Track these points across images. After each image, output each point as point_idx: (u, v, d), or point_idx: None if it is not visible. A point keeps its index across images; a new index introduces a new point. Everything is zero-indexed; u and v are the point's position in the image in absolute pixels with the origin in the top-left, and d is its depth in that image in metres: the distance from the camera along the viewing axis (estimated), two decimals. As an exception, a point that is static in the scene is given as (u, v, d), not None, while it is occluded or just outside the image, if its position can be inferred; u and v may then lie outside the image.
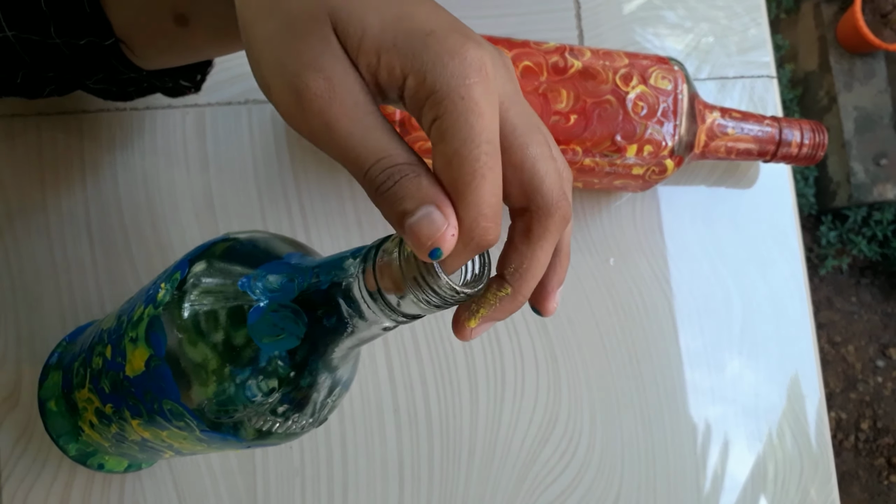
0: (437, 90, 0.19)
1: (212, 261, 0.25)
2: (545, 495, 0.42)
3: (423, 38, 0.20)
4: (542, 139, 0.21)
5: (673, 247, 0.46)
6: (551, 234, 0.21)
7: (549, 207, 0.21)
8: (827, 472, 0.45)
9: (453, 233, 0.19)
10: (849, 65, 1.42)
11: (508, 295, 0.22)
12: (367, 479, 0.40)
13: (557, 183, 0.21)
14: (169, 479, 0.38)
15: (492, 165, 0.20)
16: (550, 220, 0.21)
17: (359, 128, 0.20)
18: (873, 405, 1.41)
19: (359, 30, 0.20)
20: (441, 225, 0.19)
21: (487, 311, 0.22)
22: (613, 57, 0.40)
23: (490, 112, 0.20)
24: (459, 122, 0.19)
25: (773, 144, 0.42)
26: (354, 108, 0.20)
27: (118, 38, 0.29)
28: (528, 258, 0.22)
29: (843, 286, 1.46)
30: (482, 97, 0.19)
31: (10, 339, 0.38)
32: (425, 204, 0.20)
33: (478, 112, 0.19)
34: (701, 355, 0.45)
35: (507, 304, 0.22)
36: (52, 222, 0.39)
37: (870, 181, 1.40)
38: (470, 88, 0.19)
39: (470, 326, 0.23)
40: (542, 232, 0.21)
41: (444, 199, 0.20)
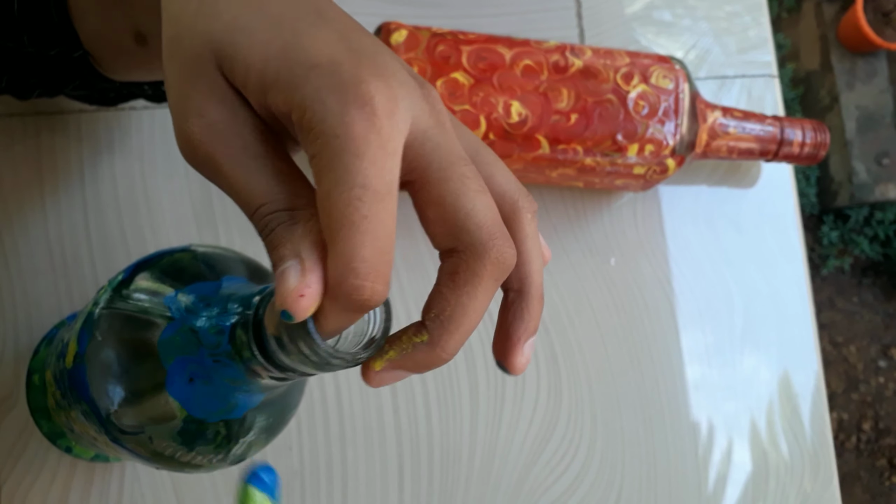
0: (313, 127, 0.18)
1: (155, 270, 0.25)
2: (546, 496, 0.41)
3: (305, 71, 0.18)
4: (467, 172, 0.19)
5: (674, 246, 0.45)
6: (482, 280, 0.19)
7: (477, 247, 0.19)
8: (828, 472, 0.45)
9: (304, 293, 0.17)
10: (850, 64, 1.42)
11: (425, 343, 0.19)
12: (366, 479, 0.40)
13: (489, 219, 0.19)
14: (168, 480, 0.38)
15: (366, 212, 0.17)
16: (479, 262, 0.19)
17: (242, 172, 0.19)
18: (875, 406, 1.40)
19: (242, 67, 0.19)
20: (291, 284, 0.18)
21: (397, 356, 0.20)
22: (614, 56, 0.40)
23: (374, 151, 0.17)
24: (332, 163, 0.17)
25: (774, 144, 0.42)
26: (240, 152, 0.19)
27: (86, 50, 0.29)
28: (450, 304, 0.19)
29: (845, 286, 1.46)
30: (364, 135, 0.17)
31: (9, 339, 0.38)
32: (289, 258, 0.18)
33: (353, 151, 0.17)
34: (702, 355, 0.45)
35: (423, 354, 0.19)
36: (51, 222, 0.39)
37: (871, 181, 1.39)
38: (348, 126, 0.17)
39: (374, 368, 0.20)
40: (470, 276, 0.19)
41: (314, 253, 0.18)
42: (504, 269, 0.19)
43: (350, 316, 0.18)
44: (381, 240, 0.18)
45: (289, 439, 0.40)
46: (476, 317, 0.19)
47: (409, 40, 0.37)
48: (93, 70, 0.30)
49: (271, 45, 0.19)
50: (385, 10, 0.44)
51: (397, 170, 0.18)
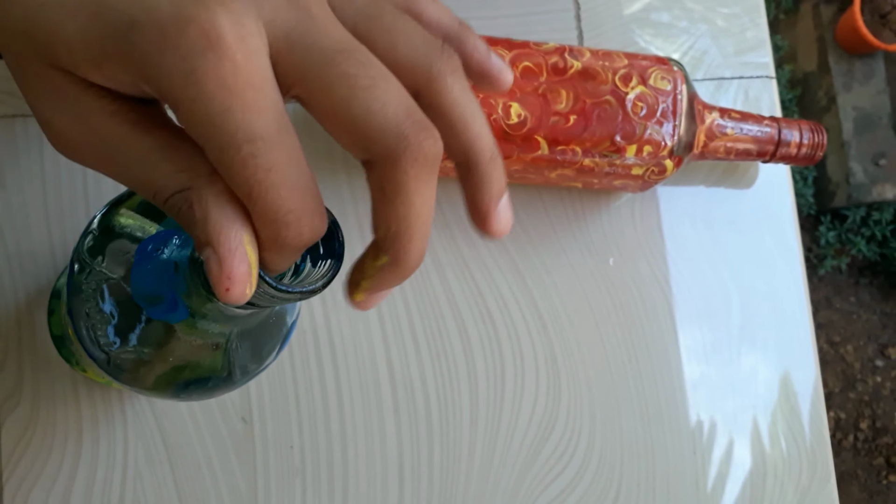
0: (165, 98, 0.15)
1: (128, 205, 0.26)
2: (545, 494, 0.42)
3: (124, 34, 0.15)
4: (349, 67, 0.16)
5: (672, 247, 0.46)
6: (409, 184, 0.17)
7: (389, 154, 0.16)
8: (826, 471, 0.45)
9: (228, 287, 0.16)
10: (848, 65, 1.43)
11: (388, 263, 0.18)
12: (367, 478, 0.40)
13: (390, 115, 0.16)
14: (170, 479, 0.38)
15: (268, 164, 0.15)
16: (398, 168, 0.16)
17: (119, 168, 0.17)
18: (872, 405, 1.41)
19: (63, 48, 0.16)
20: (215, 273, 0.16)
21: (369, 282, 0.18)
22: (613, 57, 0.40)
23: (241, 96, 0.15)
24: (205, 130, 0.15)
25: (772, 145, 0.43)
26: (103, 148, 0.17)
27: None
28: (393, 219, 0.17)
29: (842, 286, 1.46)
30: (220, 83, 0.15)
31: (12, 339, 0.38)
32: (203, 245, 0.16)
33: (218, 107, 0.15)
34: (700, 354, 0.45)
35: (391, 274, 0.18)
36: (53, 221, 0.39)
37: (869, 181, 1.40)
38: (199, 84, 0.15)
39: (357, 299, 0.19)
40: (395, 186, 0.17)
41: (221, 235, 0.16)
42: (430, 161, 0.17)
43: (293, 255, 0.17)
44: (298, 180, 0.16)
45: (289, 438, 0.40)
46: (424, 218, 0.17)
47: (410, 42, 0.37)
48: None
49: (80, 13, 0.16)
50: (385, 11, 0.44)
51: (276, 96, 0.16)
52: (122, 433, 0.38)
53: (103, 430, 0.38)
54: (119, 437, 0.38)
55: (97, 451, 0.38)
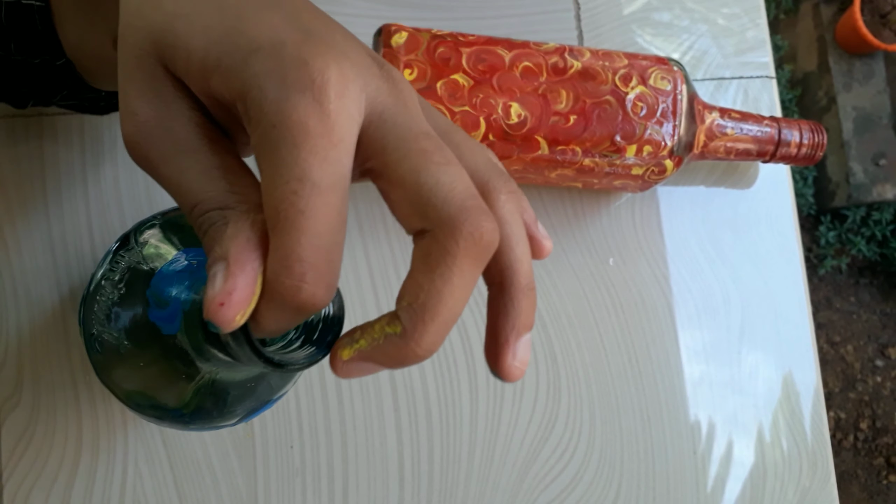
0: (251, 116, 0.16)
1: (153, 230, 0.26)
2: (545, 494, 0.42)
3: (246, 55, 0.17)
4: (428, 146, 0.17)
5: (672, 247, 0.46)
6: (456, 259, 0.16)
7: (447, 222, 0.16)
8: (826, 471, 0.45)
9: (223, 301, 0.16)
10: (848, 65, 1.43)
11: (398, 335, 0.17)
12: (367, 478, 0.40)
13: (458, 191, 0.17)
14: (170, 479, 0.38)
15: (303, 207, 0.16)
16: (450, 238, 0.16)
17: (175, 171, 0.18)
18: (872, 405, 1.41)
19: (184, 53, 0.17)
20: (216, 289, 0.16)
21: (368, 346, 0.17)
22: (613, 57, 0.40)
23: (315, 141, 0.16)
24: (270, 155, 0.16)
25: (772, 145, 0.43)
26: (172, 150, 0.18)
27: (69, 59, 0.28)
28: (423, 289, 0.17)
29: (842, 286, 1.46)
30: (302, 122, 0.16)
31: (12, 339, 0.38)
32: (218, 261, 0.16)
33: (291, 141, 0.16)
34: (700, 355, 0.45)
35: (395, 348, 0.17)
36: (53, 222, 0.39)
37: (869, 181, 1.40)
38: (285, 114, 0.16)
39: (341, 357, 0.18)
40: (442, 255, 0.16)
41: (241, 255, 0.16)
42: (482, 246, 0.17)
43: (288, 317, 0.17)
44: (322, 237, 0.16)
45: (289, 438, 0.40)
46: (454, 305, 0.17)
47: (410, 42, 0.37)
48: (77, 79, 0.30)
49: (213, 31, 0.17)
50: (386, 12, 0.44)
51: (347, 160, 0.16)
52: (122, 433, 0.38)
53: (103, 429, 0.38)
54: (119, 437, 0.38)
55: (97, 451, 0.38)
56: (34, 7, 0.27)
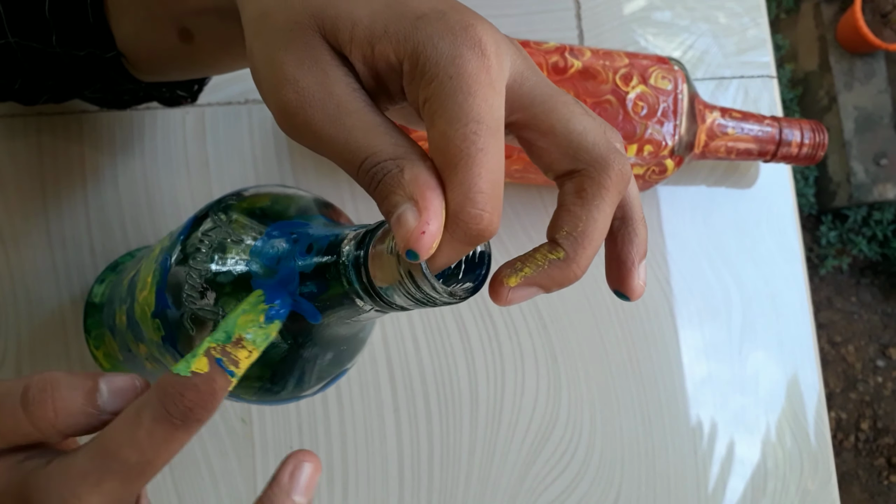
0: (427, 71, 0.19)
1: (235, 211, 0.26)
2: (545, 495, 0.42)
3: (413, 20, 0.19)
4: (569, 100, 0.20)
5: (673, 246, 0.46)
6: (608, 193, 0.20)
7: (600, 161, 0.20)
8: (827, 471, 0.45)
9: (424, 230, 0.18)
10: (849, 65, 1.42)
11: (561, 259, 0.20)
12: (367, 478, 0.40)
13: (602, 137, 0.20)
14: (169, 479, 0.38)
15: (482, 145, 0.18)
16: (604, 175, 0.20)
17: (342, 131, 0.20)
18: (873, 405, 1.41)
19: (348, 24, 0.20)
20: (411, 223, 0.18)
21: (533, 272, 0.20)
22: (613, 57, 0.40)
23: (485, 90, 0.19)
24: (447, 102, 0.18)
25: (773, 144, 0.42)
26: (336, 111, 0.20)
27: (119, 51, 0.29)
28: (583, 220, 0.19)
29: (844, 286, 1.46)
30: (475, 74, 0.18)
31: (11, 339, 0.38)
32: (403, 202, 0.18)
33: (467, 90, 0.18)
34: (700, 355, 0.45)
35: (558, 271, 0.20)
36: (52, 222, 0.39)
37: (870, 181, 1.40)
38: (460, 67, 0.18)
39: (509, 284, 0.20)
40: (597, 189, 0.20)
41: (426, 193, 0.18)
42: (625, 181, 0.20)
43: (463, 248, 0.19)
44: (495, 172, 0.18)
45: (289, 438, 0.40)
46: (604, 230, 0.20)
47: (410, 41, 0.37)
48: (121, 71, 0.30)
49: (375, 2, 0.20)
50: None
51: (503, 108, 0.19)
52: (122, 433, 0.38)
53: (102, 430, 0.38)
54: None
55: (96, 451, 0.38)
56: (87, 1, 0.27)
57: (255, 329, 0.21)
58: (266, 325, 0.22)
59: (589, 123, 0.20)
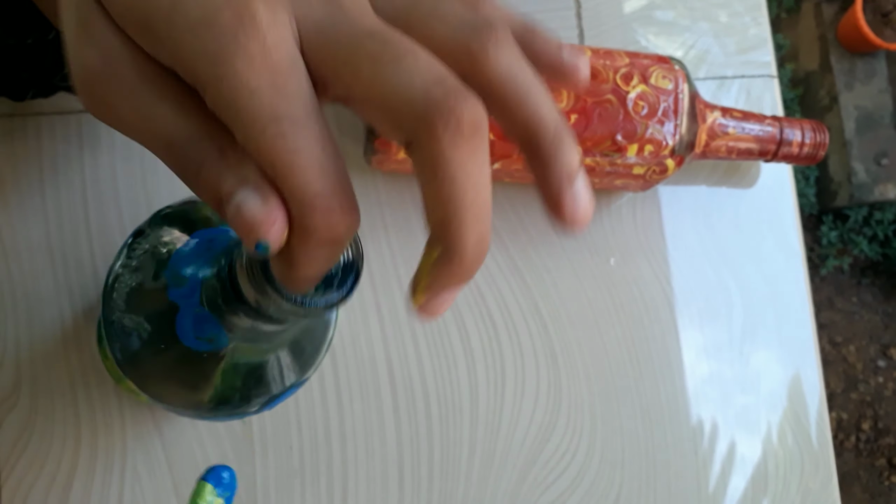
0: (196, 78, 0.15)
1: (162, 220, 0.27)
2: (546, 495, 0.42)
3: (168, 15, 0.15)
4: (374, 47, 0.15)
5: (673, 246, 0.45)
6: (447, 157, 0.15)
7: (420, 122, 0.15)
8: (828, 472, 0.45)
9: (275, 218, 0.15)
10: (850, 64, 1.42)
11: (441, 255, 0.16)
12: (366, 479, 0.40)
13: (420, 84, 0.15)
14: (168, 480, 0.38)
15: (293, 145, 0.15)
16: (432, 139, 0.15)
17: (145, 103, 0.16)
18: (874, 405, 1.41)
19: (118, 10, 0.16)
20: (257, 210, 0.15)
21: (429, 281, 0.17)
22: (614, 56, 0.40)
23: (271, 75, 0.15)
24: (231, 111, 0.15)
25: (774, 144, 0.42)
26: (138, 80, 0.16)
27: (58, 30, 0.27)
28: (438, 201, 0.15)
29: (844, 286, 1.46)
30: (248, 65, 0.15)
31: (10, 339, 0.38)
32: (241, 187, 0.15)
33: (245, 88, 0.15)
34: (701, 355, 0.45)
35: (447, 267, 0.16)
36: (51, 221, 0.39)
37: (871, 181, 1.40)
38: (226, 63, 0.15)
39: (418, 303, 0.17)
40: (434, 160, 0.15)
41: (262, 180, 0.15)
42: (468, 127, 0.15)
43: (326, 255, 0.16)
44: (326, 164, 0.15)
45: (289, 438, 0.40)
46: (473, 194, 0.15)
47: (409, 41, 0.37)
48: None
49: None
50: (385, 10, 0.44)
51: (306, 84, 0.16)
52: (121, 435, 0.38)
53: (101, 431, 0.38)
54: (117, 439, 0.38)
55: (95, 453, 0.38)
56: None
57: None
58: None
59: (400, 75, 0.15)
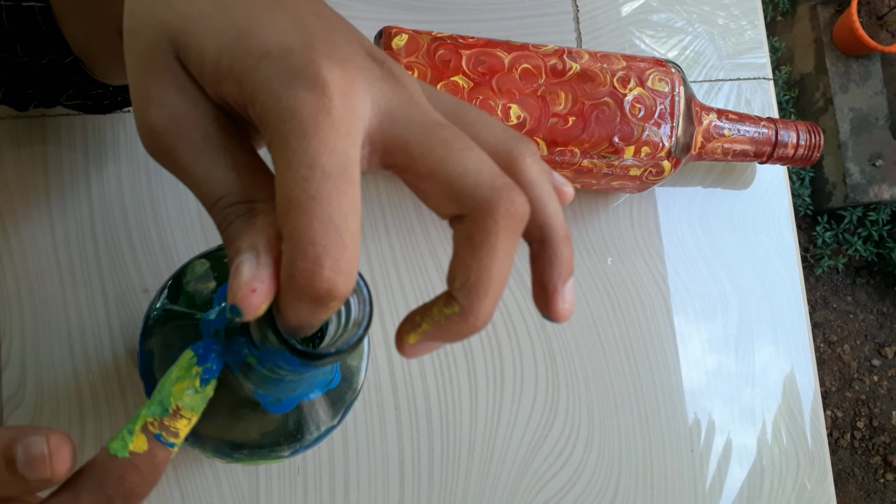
0: (263, 115, 0.17)
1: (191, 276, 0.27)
2: (544, 492, 0.42)
3: (256, 61, 0.18)
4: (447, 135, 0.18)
5: (670, 247, 0.46)
6: (498, 237, 0.18)
7: (483, 205, 0.18)
8: (823, 470, 0.45)
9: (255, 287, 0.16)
10: (845, 67, 1.43)
11: (456, 314, 0.18)
12: (368, 476, 0.41)
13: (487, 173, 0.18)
14: (172, 476, 0.38)
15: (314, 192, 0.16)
16: (490, 218, 0.18)
17: (202, 164, 0.18)
18: (869, 404, 1.41)
19: (198, 56, 0.18)
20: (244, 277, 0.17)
21: (430, 328, 0.19)
22: (611, 59, 0.40)
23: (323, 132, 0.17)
24: (281, 147, 0.17)
25: (769, 146, 0.43)
26: (200, 143, 0.18)
27: (76, 56, 0.29)
28: (474, 269, 0.18)
29: (839, 286, 1.47)
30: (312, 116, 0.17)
31: (15, 338, 0.38)
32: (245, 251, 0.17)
33: (301, 133, 0.16)
34: (697, 354, 0.45)
35: (456, 325, 0.18)
36: (57, 223, 0.39)
37: (865, 182, 1.40)
38: (294, 109, 0.17)
39: (408, 341, 0.19)
40: (484, 236, 0.18)
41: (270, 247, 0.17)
42: (518, 219, 0.18)
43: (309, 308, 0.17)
44: (335, 222, 0.16)
45: (291, 437, 0.40)
46: (502, 277, 0.18)
47: (410, 44, 0.38)
48: (85, 76, 0.30)
49: (224, 34, 0.18)
50: (386, 15, 0.45)
51: (353, 151, 0.17)
52: (125, 432, 0.38)
53: (106, 427, 0.38)
54: (122, 436, 0.38)
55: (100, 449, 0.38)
56: (35, 8, 0.27)
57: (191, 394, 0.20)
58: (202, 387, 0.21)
59: (471, 162, 0.18)
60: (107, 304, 0.39)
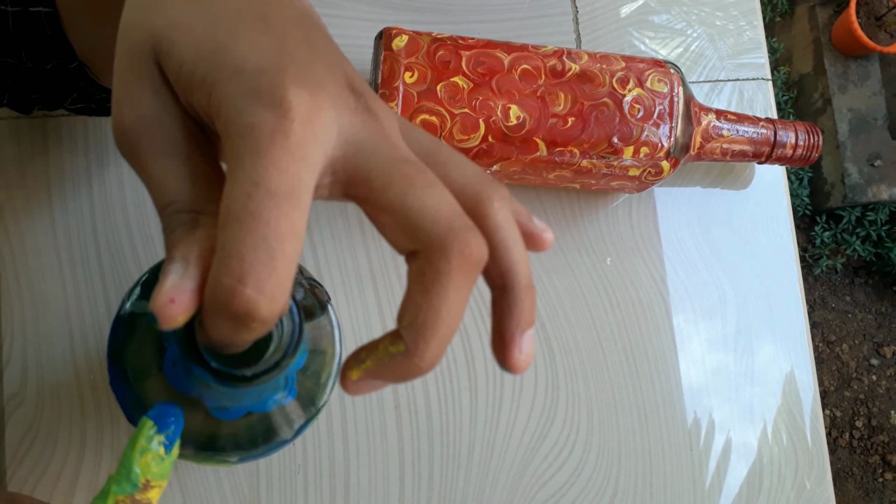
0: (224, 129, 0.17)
1: None
2: (543, 490, 0.42)
3: (228, 75, 0.18)
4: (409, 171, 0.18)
5: (669, 247, 0.46)
6: (450, 278, 0.17)
7: (436, 242, 0.17)
8: (822, 469, 0.45)
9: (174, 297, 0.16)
10: (843, 67, 1.43)
11: (401, 353, 0.18)
12: (368, 475, 0.41)
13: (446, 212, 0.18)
14: (173, 477, 0.39)
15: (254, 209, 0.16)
16: (442, 258, 0.17)
17: (160, 168, 0.18)
18: (867, 403, 1.42)
19: (176, 64, 0.18)
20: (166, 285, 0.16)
21: (373, 365, 0.18)
22: (610, 60, 0.40)
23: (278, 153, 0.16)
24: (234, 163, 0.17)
25: (767, 146, 0.43)
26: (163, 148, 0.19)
27: (81, 61, 0.29)
28: (423, 309, 0.17)
29: (838, 285, 1.47)
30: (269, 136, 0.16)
31: (17, 337, 0.38)
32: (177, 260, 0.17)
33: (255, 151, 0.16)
34: (696, 353, 0.45)
35: (400, 365, 0.18)
36: (58, 222, 0.39)
37: (864, 182, 1.41)
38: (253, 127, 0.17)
39: (350, 378, 0.19)
40: (435, 275, 0.17)
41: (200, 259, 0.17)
42: (473, 262, 0.18)
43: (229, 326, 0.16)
44: (269, 242, 0.16)
45: (292, 436, 0.40)
46: (452, 319, 0.18)
47: (410, 45, 0.38)
48: (89, 81, 0.30)
49: (204, 46, 0.18)
50: (387, 16, 0.45)
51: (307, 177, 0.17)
52: (126, 430, 0.38)
53: (107, 426, 0.38)
54: (123, 435, 0.38)
55: (101, 448, 0.38)
56: (42, 14, 0.27)
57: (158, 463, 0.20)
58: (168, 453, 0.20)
59: (430, 199, 0.18)
60: (108, 304, 0.39)
